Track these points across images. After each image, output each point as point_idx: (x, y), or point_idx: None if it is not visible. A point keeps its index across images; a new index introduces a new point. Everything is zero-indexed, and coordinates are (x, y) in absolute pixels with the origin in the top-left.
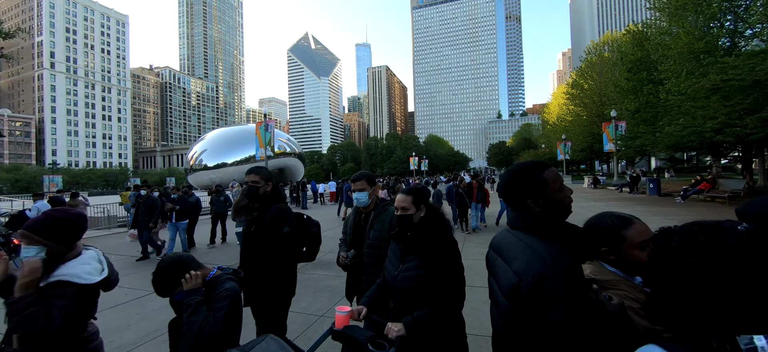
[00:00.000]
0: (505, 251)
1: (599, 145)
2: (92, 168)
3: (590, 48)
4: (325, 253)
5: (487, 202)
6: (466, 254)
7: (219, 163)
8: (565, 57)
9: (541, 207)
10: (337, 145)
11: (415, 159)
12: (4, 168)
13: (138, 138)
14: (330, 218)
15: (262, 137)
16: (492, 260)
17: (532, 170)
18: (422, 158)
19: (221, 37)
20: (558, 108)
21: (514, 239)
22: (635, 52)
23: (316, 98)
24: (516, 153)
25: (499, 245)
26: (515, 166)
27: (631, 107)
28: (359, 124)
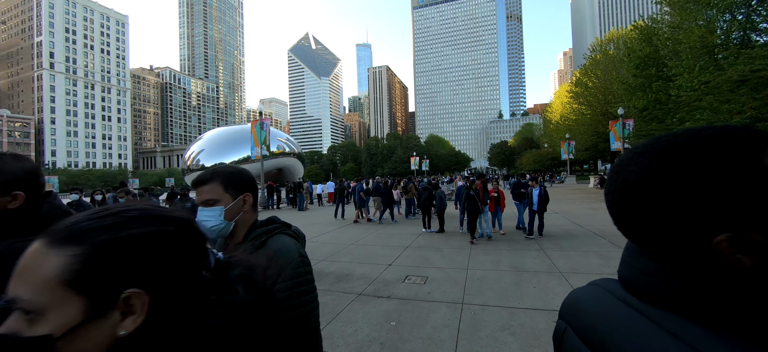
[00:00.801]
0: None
1: (604, 144)
2: (90, 169)
3: (595, 45)
4: (317, 261)
5: (501, 205)
6: (474, 264)
7: (216, 164)
8: (566, 56)
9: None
10: (338, 145)
11: (415, 159)
12: None
13: (138, 139)
14: (327, 220)
15: (257, 136)
16: None
17: (738, 149)
18: (423, 158)
19: (222, 38)
20: (561, 107)
21: (647, 326)
22: (643, 48)
23: (317, 98)
24: (518, 153)
25: (597, 330)
26: (678, 137)
27: (639, 105)
28: (360, 124)
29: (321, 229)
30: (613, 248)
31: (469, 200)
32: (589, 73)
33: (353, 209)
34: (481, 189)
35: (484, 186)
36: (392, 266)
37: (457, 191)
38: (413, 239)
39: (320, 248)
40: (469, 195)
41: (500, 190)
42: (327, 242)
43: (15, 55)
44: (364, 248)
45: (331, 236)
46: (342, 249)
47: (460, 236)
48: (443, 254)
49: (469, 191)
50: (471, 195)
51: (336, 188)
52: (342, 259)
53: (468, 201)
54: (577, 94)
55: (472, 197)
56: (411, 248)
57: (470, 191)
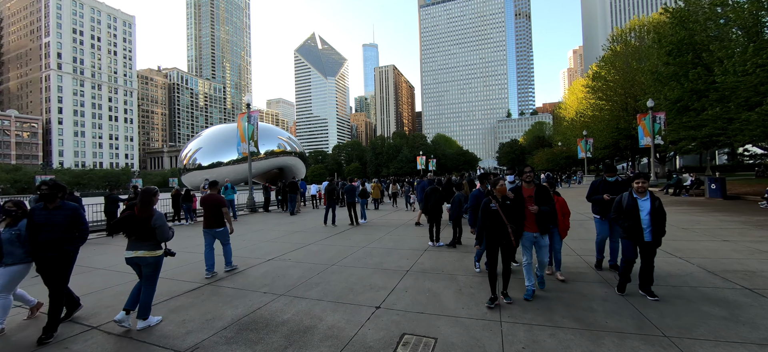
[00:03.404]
0: None
1: (626, 141)
2: (93, 169)
3: (614, 36)
4: (275, 296)
5: (562, 224)
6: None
7: (214, 163)
8: (576, 54)
9: None
10: (343, 144)
11: (422, 158)
12: (4, 168)
13: (146, 139)
14: (314, 227)
15: (243, 131)
16: None
17: None
18: (430, 158)
19: (228, 38)
20: (576, 103)
21: None
22: (676, 33)
23: (323, 98)
24: (529, 152)
25: None
26: None
27: (672, 95)
28: (366, 124)
29: (301, 240)
30: None
31: (490, 218)
32: (608, 65)
33: (346, 213)
34: (533, 196)
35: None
36: (382, 308)
37: (472, 199)
38: (416, 257)
39: (288, 272)
40: (488, 210)
41: (559, 196)
42: (302, 261)
43: (24, 56)
44: (346, 273)
45: (309, 252)
46: (316, 274)
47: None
48: (460, 287)
49: (489, 202)
50: (492, 209)
51: (327, 189)
52: (311, 292)
53: (489, 221)
54: (594, 89)
55: (494, 213)
56: (412, 274)
57: (491, 199)
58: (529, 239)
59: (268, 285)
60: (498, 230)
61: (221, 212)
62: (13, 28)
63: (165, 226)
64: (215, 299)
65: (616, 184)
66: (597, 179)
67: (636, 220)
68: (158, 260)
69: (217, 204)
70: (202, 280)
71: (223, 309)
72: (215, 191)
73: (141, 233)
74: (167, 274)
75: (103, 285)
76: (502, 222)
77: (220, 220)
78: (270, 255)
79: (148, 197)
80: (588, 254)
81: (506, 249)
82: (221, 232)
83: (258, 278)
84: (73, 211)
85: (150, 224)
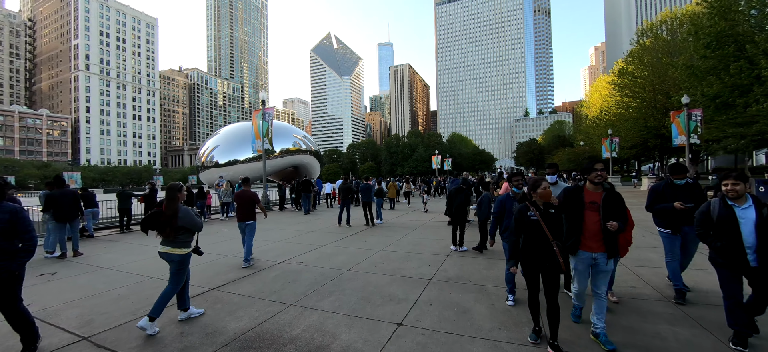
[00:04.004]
0: None
1: (656, 140)
2: (117, 166)
3: (643, 30)
4: (284, 305)
5: (623, 240)
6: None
7: (230, 161)
8: (599, 51)
9: None
10: (357, 143)
11: (437, 158)
12: (35, 165)
13: (167, 137)
14: (328, 227)
15: (258, 128)
16: None
17: None
18: (445, 157)
19: (246, 39)
20: (600, 100)
21: None
22: (715, 24)
23: (338, 98)
24: (549, 151)
25: None
26: None
27: (710, 91)
28: (381, 123)
29: (314, 241)
30: None
31: (527, 232)
32: (636, 61)
33: (361, 213)
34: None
35: (572, 198)
36: (404, 326)
37: (496, 205)
38: (438, 263)
39: (300, 277)
40: (525, 220)
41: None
42: (314, 264)
43: (54, 57)
44: (362, 280)
45: (322, 255)
46: (329, 281)
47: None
48: (492, 302)
49: (526, 210)
50: (531, 220)
51: (341, 188)
52: (324, 303)
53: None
54: (620, 86)
55: (532, 225)
56: (436, 283)
57: (529, 207)
58: (587, 261)
59: (276, 292)
60: (539, 249)
61: (253, 207)
62: (45, 31)
63: (193, 218)
64: (219, 307)
65: (688, 188)
66: (658, 182)
67: (735, 237)
68: (184, 257)
69: (250, 199)
70: (208, 284)
71: (226, 321)
72: (248, 187)
73: (169, 231)
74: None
75: (104, 287)
76: (544, 238)
77: (252, 214)
78: (281, 257)
79: (172, 193)
80: (644, 271)
81: (549, 275)
82: (251, 224)
83: (267, 283)
84: (11, 214)
85: (176, 221)
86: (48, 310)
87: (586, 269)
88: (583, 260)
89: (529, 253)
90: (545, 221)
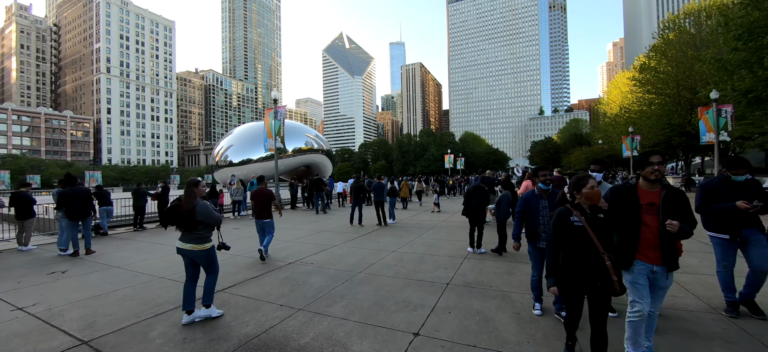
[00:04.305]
0: None
1: (680, 138)
2: (136, 165)
3: (666, 22)
4: (293, 310)
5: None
6: None
7: (244, 160)
8: (617, 47)
9: None
10: (369, 142)
11: (450, 157)
12: (59, 164)
13: (184, 137)
14: (339, 227)
15: (270, 127)
16: None
17: None
18: (458, 156)
19: (260, 41)
20: (620, 97)
21: None
22: (749, 14)
23: (350, 97)
24: (565, 150)
25: None
26: None
27: (742, 86)
28: (393, 122)
29: (325, 241)
30: None
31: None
32: (659, 55)
33: (373, 213)
34: (615, 206)
35: (625, 197)
36: (421, 336)
37: (520, 203)
38: (455, 265)
39: (309, 280)
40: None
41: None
42: (324, 266)
43: (78, 61)
44: (375, 283)
45: (333, 256)
46: (341, 284)
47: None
48: (517, 311)
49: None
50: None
51: (353, 186)
52: (334, 308)
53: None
54: (642, 82)
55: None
56: (454, 288)
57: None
58: (644, 273)
59: (285, 296)
60: (585, 263)
61: (270, 205)
62: (70, 36)
63: (211, 212)
64: (225, 311)
65: (749, 185)
66: (708, 178)
67: None
68: (209, 251)
69: (266, 197)
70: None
71: (232, 326)
72: (264, 185)
73: (188, 225)
74: (179, 276)
75: (111, 287)
76: (592, 249)
77: (269, 211)
78: (291, 258)
79: (190, 188)
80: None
81: (599, 297)
82: (269, 223)
83: (275, 285)
84: None
85: (195, 216)
86: (53, 310)
87: (647, 282)
88: (642, 273)
89: (572, 269)
90: (593, 229)
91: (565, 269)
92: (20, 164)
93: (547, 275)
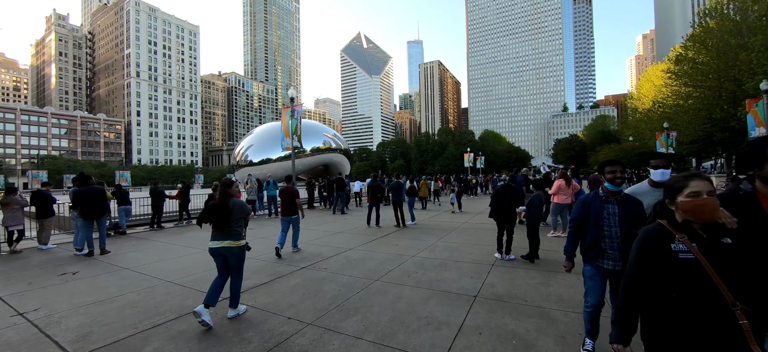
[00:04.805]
0: None
1: (722, 133)
2: (163, 165)
3: (706, 9)
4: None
5: None
6: None
7: (263, 159)
8: (647, 39)
9: None
10: (387, 141)
11: (470, 156)
12: (93, 165)
13: (208, 138)
14: (356, 228)
15: (287, 126)
16: None
17: None
18: (478, 155)
19: (280, 43)
20: (654, 91)
21: None
22: None
23: (368, 97)
24: (591, 148)
25: None
26: None
27: None
28: (411, 121)
29: (341, 243)
30: None
31: (675, 282)
32: (698, 45)
33: (391, 214)
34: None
35: (745, 209)
36: None
37: (577, 209)
38: (482, 274)
39: (322, 287)
40: (670, 259)
41: None
42: (339, 272)
43: (110, 66)
44: (393, 294)
45: (348, 260)
46: (355, 294)
47: (572, 278)
48: (562, 333)
49: (669, 241)
50: (680, 260)
51: (370, 186)
52: (347, 323)
53: (673, 288)
54: (678, 74)
55: (687, 267)
56: (483, 302)
57: (673, 235)
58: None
59: (294, 307)
60: (700, 321)
61: (296, 202)
62: (103, 42)
63: (244, 206)
64: (226, 324)
65: None
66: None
67: None
68: (242, 250)
69: (292, 195)
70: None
71: (232, 343)
72: (291, 184)
73: (224, 223)
74: (187, 280)
75: (117, 291)
76: (714, 298)
77: (295, 209)
78: (304, 261)
79: (225, 189)
80: None
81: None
82: (295, 219)
83: (285, 294)
84: None
85: (231, 214)
86: (52, 317)
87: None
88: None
89: (674, 333)
90: (714, 264)
91: (659, 333)
92: (58, 165)
93: (614, 321)
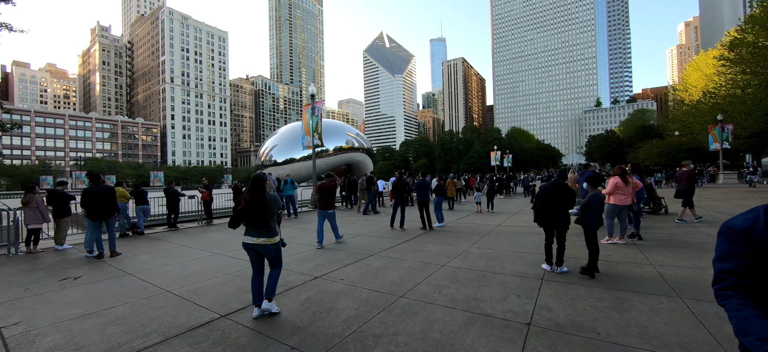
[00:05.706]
0: None
1: None
2: (194, 166)
3: None
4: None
5: None
6: None
7: (287, 159)
8: (690, 27)
9: None
10: (410, 140)
11: (497, 154)
12: (131, 166)
13: (237, 140)
14: (378, 230)
15: (308, 124)
16: None
17: None
18: (505, 153)
19: (304, 45)
20: (703, 80)
21: None
22: None
23: (391, 96)
24: (630, 144)
25: None
26: None
27: None
28: (434, 120)
29: (360, 249)
30: None
31: None
32: (758, 27)
33: (416, 215)
34: None
35: None
36: None
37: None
38: (531, 291)
39: (336, 304)
40: None
41: None
42: (356, 284)
43: (148, 73)
44: (423, 316)
45: (368, 270)
46: (376, 314)
47: (652, 300)
48: None
49: None
50: None
51: (394, 185)
52: None
53: None
54: (734, 61)
55: None
56: (541, 334)
57: None
58: None
59: (301, 331)
60: None
61: (333, 197)
62: (140, 51)
63: (277, 199)
64: (220, 349)
65: None
66: None
67: None
68: (277, 245)
69: (328, 190)
70: (223, 307)
71: None
72: (328, 181)
73: (259, 220)
74: (186, 291)
75: (109, 302)
76: None
77: (332, 203)
78: (317, 270)
79: (258, 184)
80: None
81: None
82: (331, 213)
83: (292, 312)
84: None
85: (269, 209)
86: (28, 333)
87: None
88: None
89: None
90: None
91: None
92: (100, 166)
93: None
